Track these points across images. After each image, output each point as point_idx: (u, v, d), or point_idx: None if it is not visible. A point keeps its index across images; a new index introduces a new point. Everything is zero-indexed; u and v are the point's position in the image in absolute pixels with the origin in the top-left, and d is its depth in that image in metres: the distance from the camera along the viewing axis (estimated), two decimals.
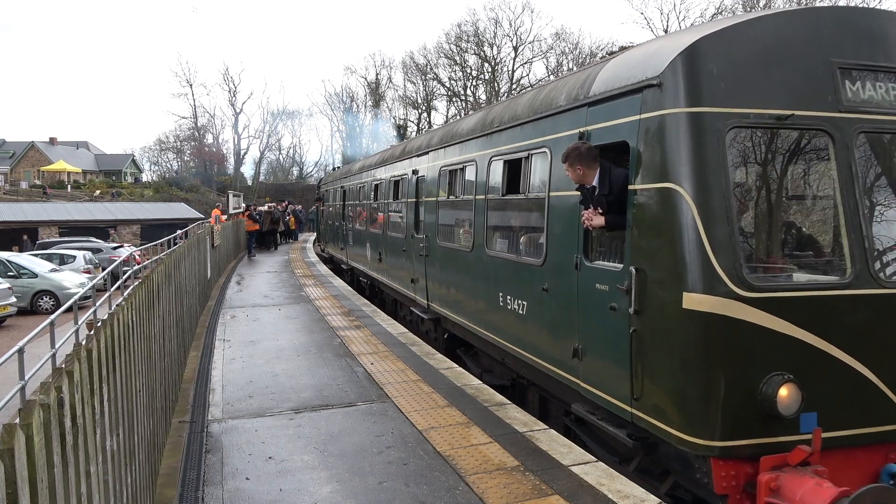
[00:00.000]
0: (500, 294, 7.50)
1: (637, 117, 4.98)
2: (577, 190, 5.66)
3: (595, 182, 5.42)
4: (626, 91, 5.15)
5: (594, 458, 5.49)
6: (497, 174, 7.87)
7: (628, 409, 5.06)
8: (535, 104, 6.98)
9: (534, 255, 6.86)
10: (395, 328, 11.29)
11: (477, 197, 8.43)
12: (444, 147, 10.12)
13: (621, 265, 5.13)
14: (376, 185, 15.50)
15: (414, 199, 11.77)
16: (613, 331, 5.20)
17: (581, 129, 5.79)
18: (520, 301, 7.00)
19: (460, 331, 9.43)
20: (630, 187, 5.01)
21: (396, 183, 13.35)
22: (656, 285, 4.71)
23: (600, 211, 5.33)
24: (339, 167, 32.31)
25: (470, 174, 8.87)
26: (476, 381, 7.89)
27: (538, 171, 6.81)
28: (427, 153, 11.11)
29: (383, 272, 14.41)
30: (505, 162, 7.61)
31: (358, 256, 18.13)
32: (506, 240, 7.93)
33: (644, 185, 4.84)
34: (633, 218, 4.95)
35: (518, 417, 6.49)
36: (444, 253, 9.86)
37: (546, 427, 6.25)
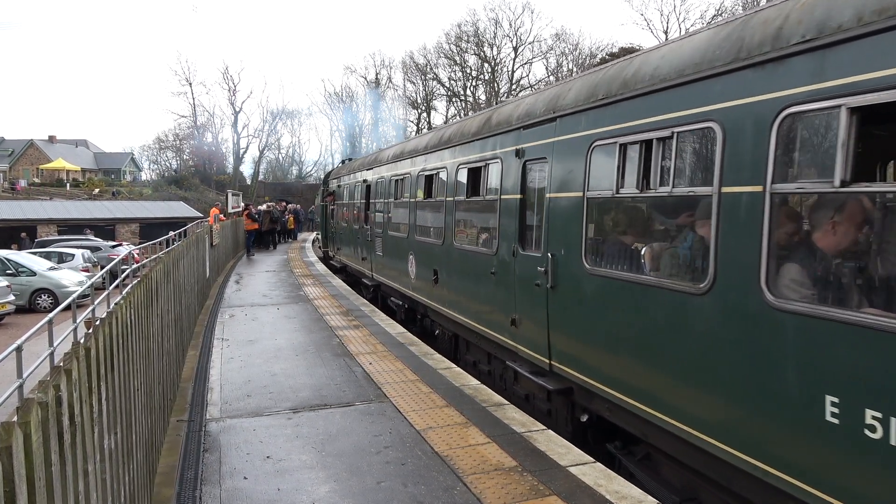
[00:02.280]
0: (833, 401, 3.61)
1: None
2: None
3: None
4: None
5: (592, 459, 5.48)
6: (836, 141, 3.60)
7: None
8: None
9: None
10: (394, 328, 11.30)
11: (726, 190, 4.41)
12: (601, 105, 5.99)
13: None
14: (429, 178, 11.55)
15: (517, 196, 7.78)
16: None
17: None
18: None
19: (633, 423, 5.62)
20: None
21: (474, 172, 9.38)
22: None
23: None
24: (350, 159, 26.70)
25: (691, 149, 4.97)
26: (475, 382, 7.86)
27: None
28: (551, 121, 6.98)
29: (446, 301, 10.39)
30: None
31: (392, 272, 13.95)
32: (845, 285, 3.82)
33: None
34: None
35: (516, 418, 6.49)
36: (606, 289, 5.88)
37: (544, 427, 6.25)
